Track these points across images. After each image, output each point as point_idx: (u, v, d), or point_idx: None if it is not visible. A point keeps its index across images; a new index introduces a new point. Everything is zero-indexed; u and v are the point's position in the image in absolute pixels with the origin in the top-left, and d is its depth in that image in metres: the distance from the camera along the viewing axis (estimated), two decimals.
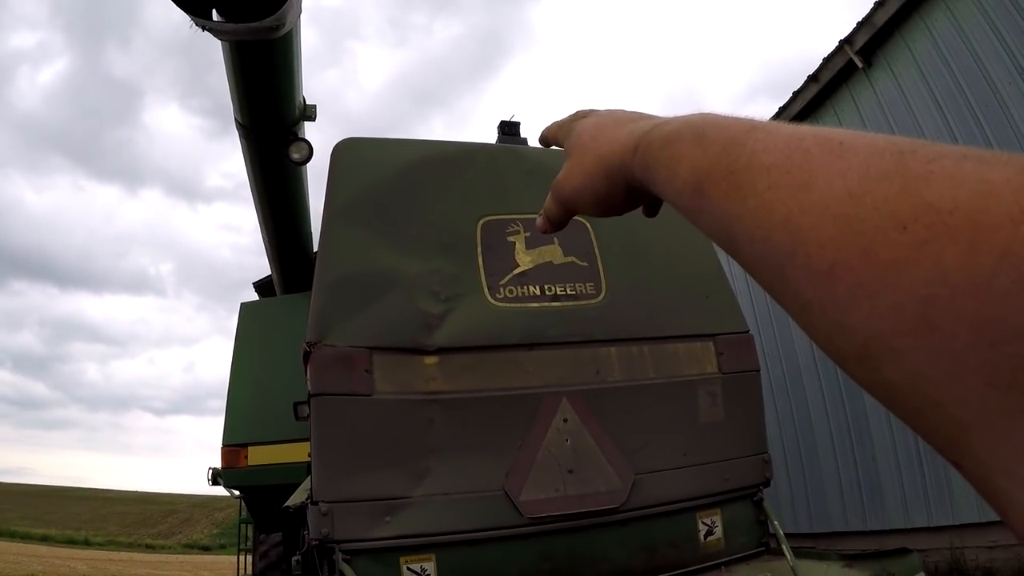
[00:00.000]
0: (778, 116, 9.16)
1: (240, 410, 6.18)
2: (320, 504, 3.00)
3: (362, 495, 3.05)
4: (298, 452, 5.40)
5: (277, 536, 7.73)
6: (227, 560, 25.89)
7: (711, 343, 3.80)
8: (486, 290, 3.55)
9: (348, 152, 3.77)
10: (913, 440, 7.03)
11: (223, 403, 6.24)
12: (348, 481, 3.06)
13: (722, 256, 4.34)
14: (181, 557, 37.62)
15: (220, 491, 7.79)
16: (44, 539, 34.12)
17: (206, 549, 46.22)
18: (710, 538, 3.54)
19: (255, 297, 8.70)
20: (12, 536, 32.46)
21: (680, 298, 3.90)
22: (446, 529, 3.10)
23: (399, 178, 3.73)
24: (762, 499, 3.73)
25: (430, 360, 3.32)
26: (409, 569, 3.03)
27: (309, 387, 3.20)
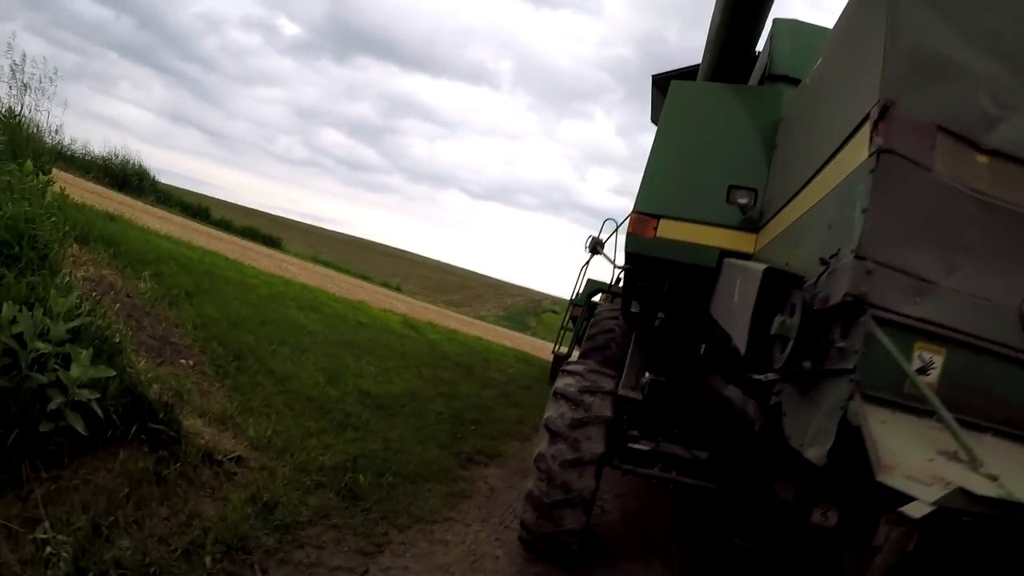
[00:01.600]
0: None
1: (658, 183, 6.00)
2: (867, 261, 2.88)
3: (903, 267, 2.93)
4: (711, 236, 5.48)
5: (609, 324, 9.31)
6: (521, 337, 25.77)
7: None
8: None
9: None
10: None
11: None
12: (897, 248, 2.94)
13: None
14: (477, 322, 38.75)
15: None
16: (363, 277, 36.85)
17: None
18: None
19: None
20: (335, 268, 35.17)
21: None
22: (962, 329, 2.90)
23: None
24: None
25: (982, 159, 3.08)
26: (920, 356, 2.88)
27: (878, 143, 2.96)
